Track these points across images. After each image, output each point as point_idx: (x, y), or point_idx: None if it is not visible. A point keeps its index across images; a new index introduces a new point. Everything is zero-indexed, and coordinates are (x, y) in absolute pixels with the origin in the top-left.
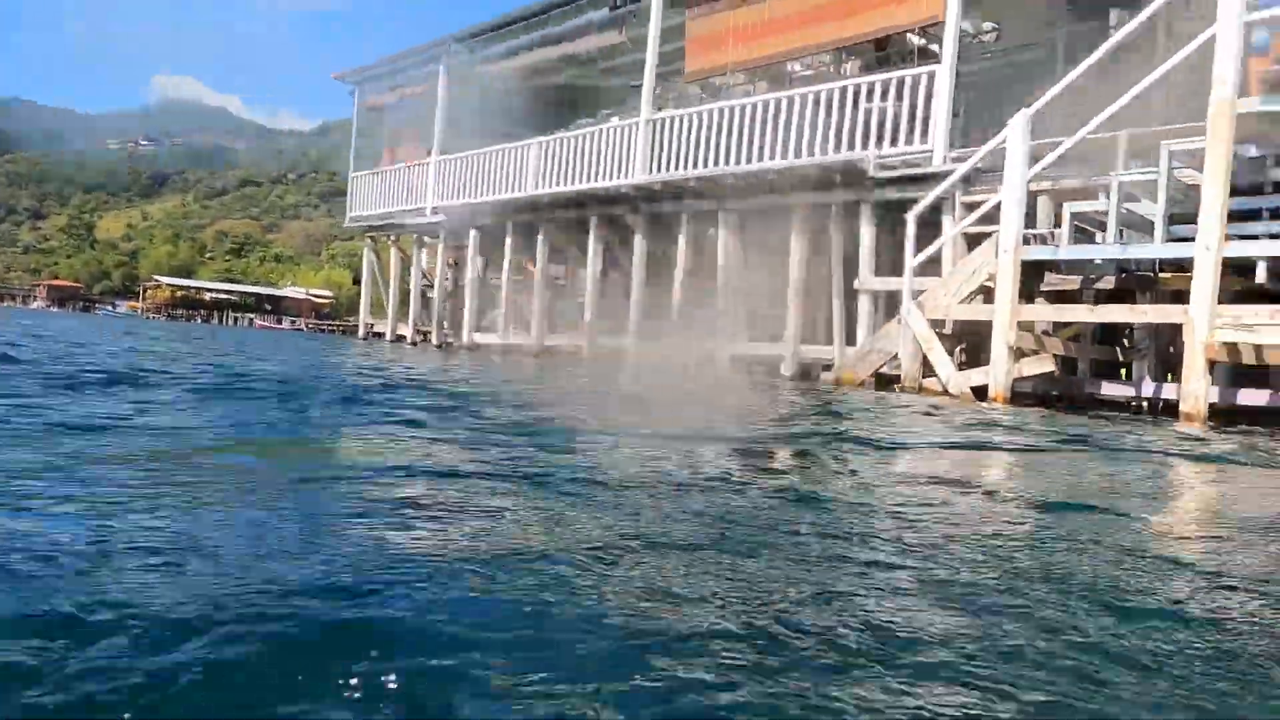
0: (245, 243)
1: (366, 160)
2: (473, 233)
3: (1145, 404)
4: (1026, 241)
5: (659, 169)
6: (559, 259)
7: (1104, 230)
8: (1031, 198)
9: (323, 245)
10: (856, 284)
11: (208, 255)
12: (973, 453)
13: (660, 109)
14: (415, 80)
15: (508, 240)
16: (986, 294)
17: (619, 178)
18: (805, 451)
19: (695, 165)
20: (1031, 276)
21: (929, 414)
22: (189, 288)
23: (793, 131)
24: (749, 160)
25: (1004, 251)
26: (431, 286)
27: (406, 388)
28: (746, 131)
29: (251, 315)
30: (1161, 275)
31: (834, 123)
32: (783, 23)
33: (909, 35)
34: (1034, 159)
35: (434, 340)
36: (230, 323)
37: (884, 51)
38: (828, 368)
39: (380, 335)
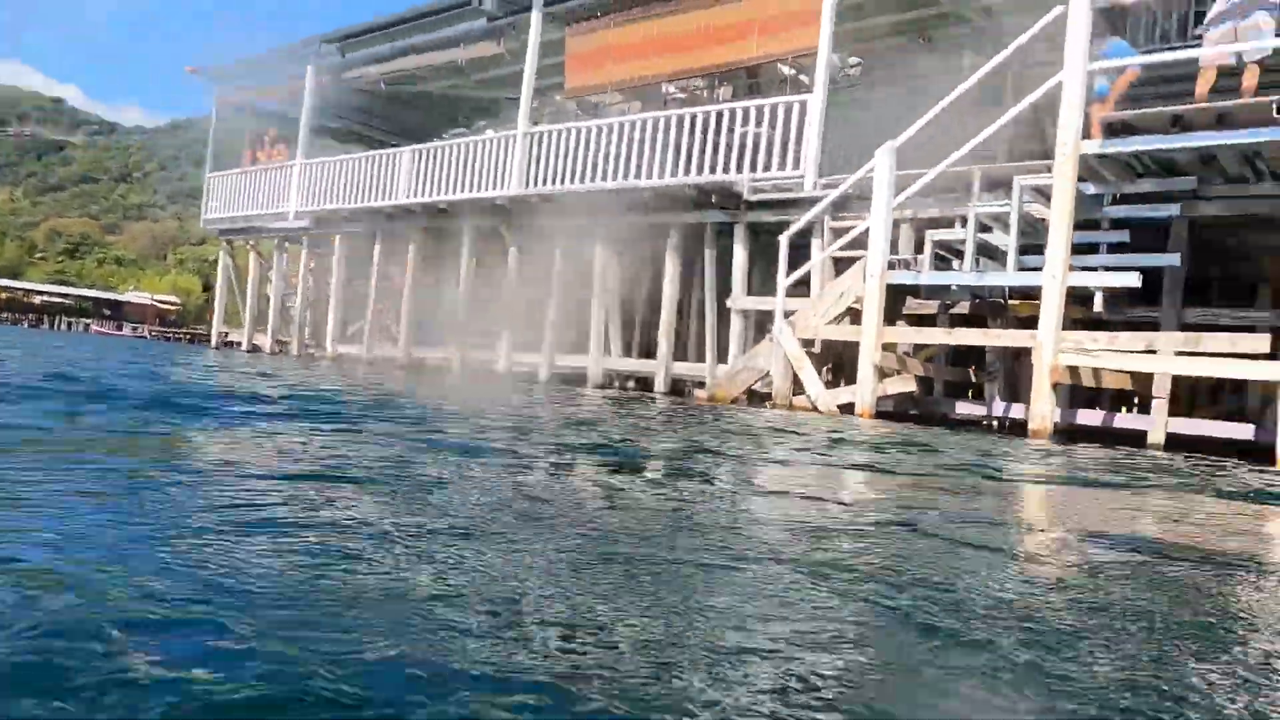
0: (82, 243)
1: (225, 160)
2: (338, 239)
3: (995, 422)
4: (891, 267)
5: (535, 183)
6: (429, 270)
7: (962, 258)
8: (895, 225)
9: (169, 249)
10: (729, 303)
11: (38, 255)
12: (849, 462)
13: (536, 123)
14: (281, 80)
15: (376, 249)
16: (853, 315)
17: (494, 190)
18: (671, 461)
19: (572, 180)
20: (895, 300)
21: (796, 430)
22: (15, 289)
23: (669, 152)
24: (625, 177)
25: (871, 276)
26: (293, 294)
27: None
28: (623, 149)
29: (88, 320)
30: (1011, 302)
31: (709, 145)
32: (660, 45)
33: (780, 65)
34: (898, 189)
35: (294, 350)
36: (64, 328)
37: (756, 79)
38: (700, 384)
39: (235, 344)
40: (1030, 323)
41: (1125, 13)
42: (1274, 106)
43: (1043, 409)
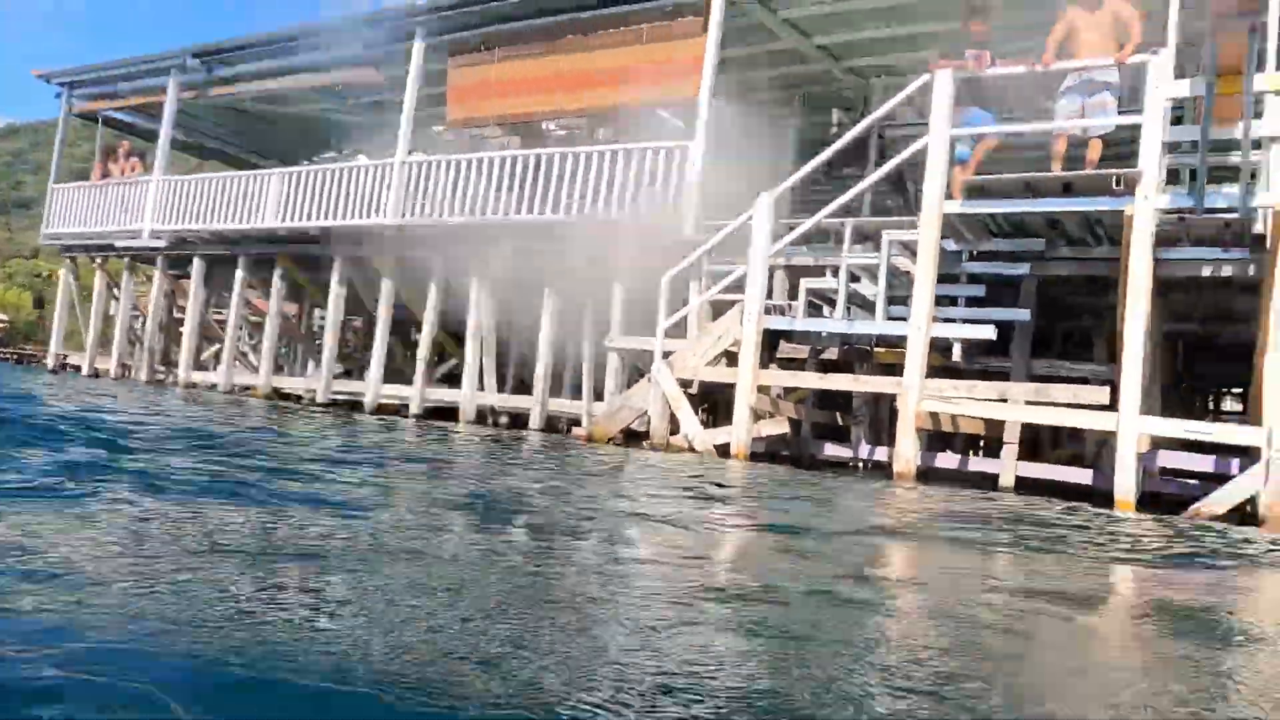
0: None
1: (73, 172)
2: (197, 261)
3: (861, 464)
4: (768, 312)
5: (412, 212)
6: (295, 297)
7: (833, 305)
8: (771, 272)
9: None
10: (606, 341)
11: None
12: (732, 499)
13: (411, 152)
14: (141, 91)
15: (238, 273)
16: (730, 358)
17: (368, 218)
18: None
19: (451, 212)
20: (769, 344)
21: (677, 469)
22: None
23: (551, 186)
24: (507, 212)
25: (748, 320)
26: (142, 317)
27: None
28: (505, 182)
29: None
30: (876, 350)
31: (591, 183)
32: (542, 83)
33: (659, 110)
34: (775, 237)
35: (142, 376)
36: None
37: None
38: (577, 422)
39: (74, 367)
40: (893, 369)
41: (984, 83)
42: (1113, 179)
43: (907, 452)
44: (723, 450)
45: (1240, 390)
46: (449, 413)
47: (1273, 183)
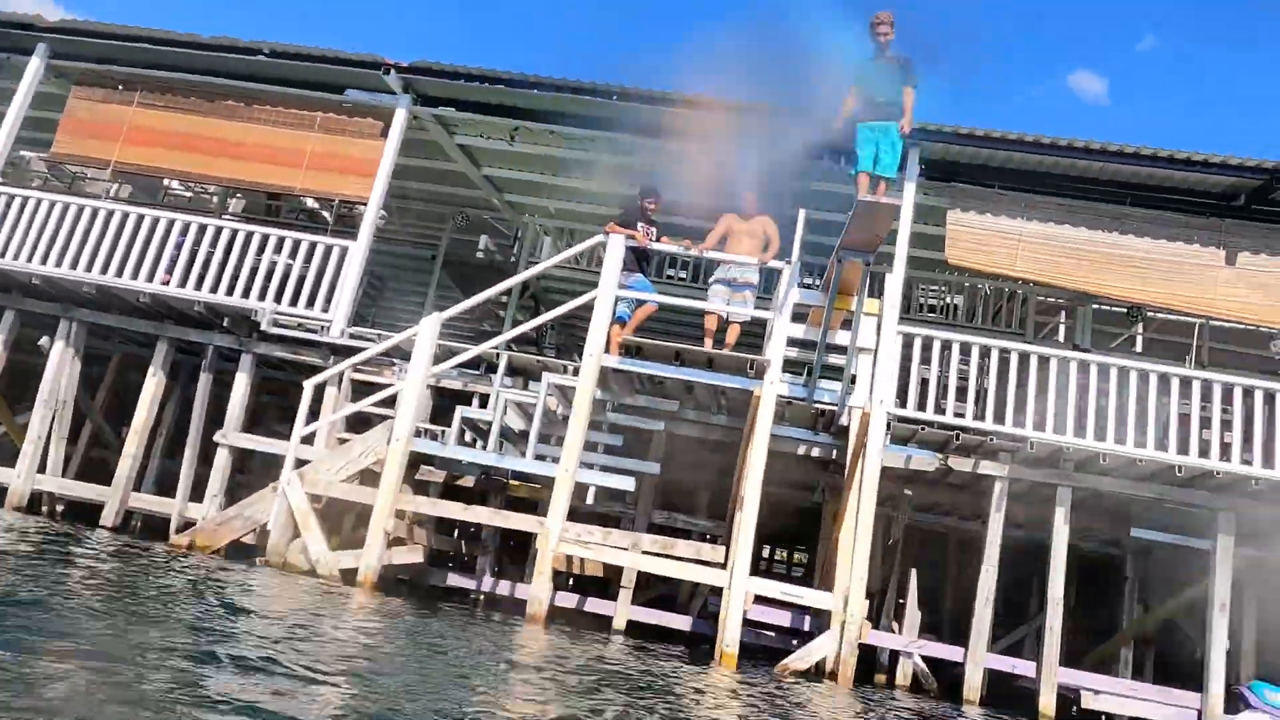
0: None
1: None
2: None
3: (483, 597)
4: (417, 434)
5: None
6: None
7: (479, 433)
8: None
9: None
10: (219, 436)
11: None
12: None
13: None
14: None
15: None
16: (367, 476)
17: None
18: None
19: (45, 261)
20: (411, 467)
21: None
22: None
23: (182, 254)
24: (119, 273)
25: (397, 440)
26: None
27: None
28: (111, 238)
29: None
30: (511, 483)
31: (227, 261)
32: (189, 142)
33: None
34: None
35: None
36: None
37: (277, 200)
38: (166, 521)
39: None
40: (525, 504)
41: (649, 254)
42: (749, 364)
43: (542, 594)
44: (348, 576)
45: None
46: None
47: (858, 387)
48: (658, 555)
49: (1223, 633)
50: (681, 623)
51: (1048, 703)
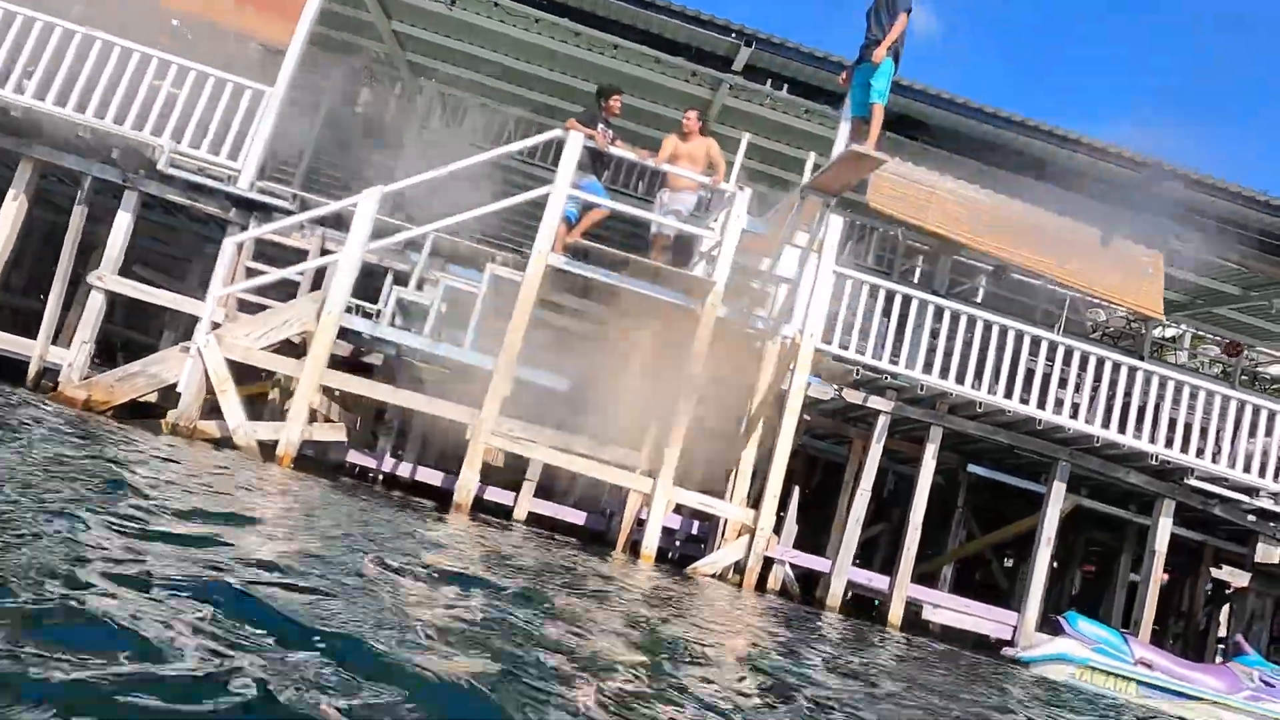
0: None
1: None
2: None
3: (383, 476)
4: (348, 309)
5: None
6: None
7: (404, 314)
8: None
9: None
10: (93, 278)
11: None
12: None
13: None
14: None
15: None
16: (290, 347)
17: None
18: None
19: None
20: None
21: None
22: None
23: (63, 69)
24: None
25: (328, 314)
26: None
27: None
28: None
29: None
30: (424, 365)
31: (125, 86)
32: None
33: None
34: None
35: None
36: None
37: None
38: (25, 364)
39: None
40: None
41: (605, 158)
42: (655, 269)
43: (470, 484)
44: (267, 449)
45: None
46: None
47: (794, 316)
48: (589, 459)
49: (1044, 563)
50: (577, 517)
51: (896, 614)
